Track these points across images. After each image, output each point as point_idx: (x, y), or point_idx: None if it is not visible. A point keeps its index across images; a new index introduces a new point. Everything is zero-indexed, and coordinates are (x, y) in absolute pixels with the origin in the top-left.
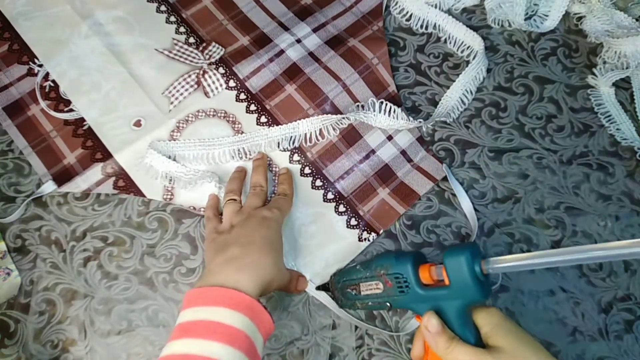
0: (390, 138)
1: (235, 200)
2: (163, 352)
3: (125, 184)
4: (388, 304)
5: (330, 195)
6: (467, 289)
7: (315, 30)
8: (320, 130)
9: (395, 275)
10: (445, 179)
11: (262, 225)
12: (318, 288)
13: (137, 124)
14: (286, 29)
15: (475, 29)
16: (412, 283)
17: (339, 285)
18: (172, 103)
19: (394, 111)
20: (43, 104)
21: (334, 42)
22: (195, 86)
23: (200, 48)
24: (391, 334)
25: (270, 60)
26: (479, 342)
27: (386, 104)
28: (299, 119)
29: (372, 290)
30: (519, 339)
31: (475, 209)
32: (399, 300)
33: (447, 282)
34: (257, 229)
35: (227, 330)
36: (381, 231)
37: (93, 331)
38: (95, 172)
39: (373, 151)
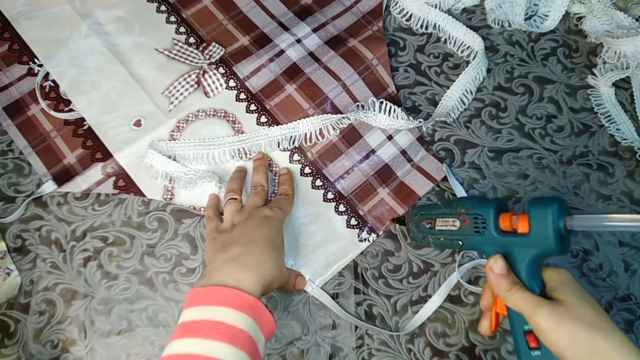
0: (390, 138)
1: (236, 199)
2: (165, 351)
3: (126, 183)
4: (460, 242)
5: (330, 195)
6: (546, 240)
7: (315, 30)
8: (320, 130)
9: (475, 215)
10: (445, 179)
11: (263, 225)
12: (393, 220)
13: (137, 123)
14: (286, 29)
15: (475, 29)
16: (491, 225)
17: (415, 218)
18: (172, 103)
19: (394, 111)
20: (43, 103)
21: (334, 42)
22: (195, 86)
23: (200, 48)
24: (391, 334)
25: (270, 60)
26: (543, 295)
27: (386, 104)
28: (299, 119)
29: (448, 226)
30: (583, 298)
31: None
32: (473, 240)
33: (526, 230)
34: (259, 228)
35: (229, 330)
36: (381, 231)
37: (93, 331)
38: (95, 172)
39: (373, 151)
